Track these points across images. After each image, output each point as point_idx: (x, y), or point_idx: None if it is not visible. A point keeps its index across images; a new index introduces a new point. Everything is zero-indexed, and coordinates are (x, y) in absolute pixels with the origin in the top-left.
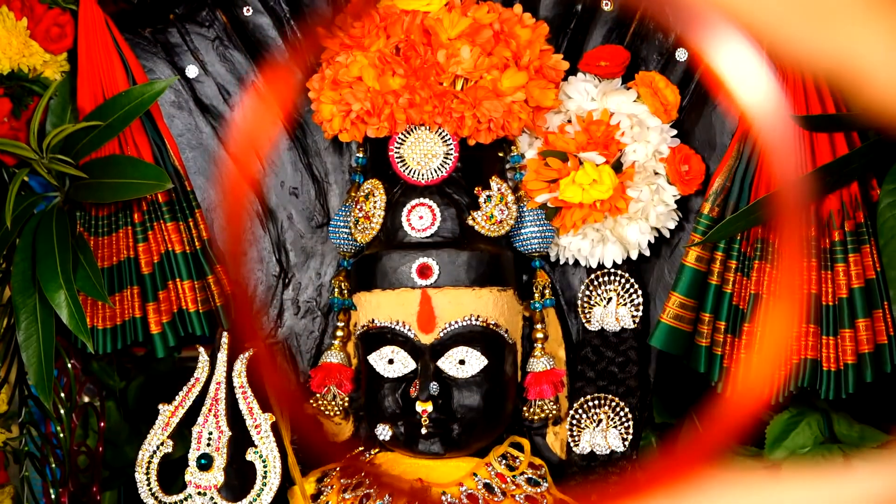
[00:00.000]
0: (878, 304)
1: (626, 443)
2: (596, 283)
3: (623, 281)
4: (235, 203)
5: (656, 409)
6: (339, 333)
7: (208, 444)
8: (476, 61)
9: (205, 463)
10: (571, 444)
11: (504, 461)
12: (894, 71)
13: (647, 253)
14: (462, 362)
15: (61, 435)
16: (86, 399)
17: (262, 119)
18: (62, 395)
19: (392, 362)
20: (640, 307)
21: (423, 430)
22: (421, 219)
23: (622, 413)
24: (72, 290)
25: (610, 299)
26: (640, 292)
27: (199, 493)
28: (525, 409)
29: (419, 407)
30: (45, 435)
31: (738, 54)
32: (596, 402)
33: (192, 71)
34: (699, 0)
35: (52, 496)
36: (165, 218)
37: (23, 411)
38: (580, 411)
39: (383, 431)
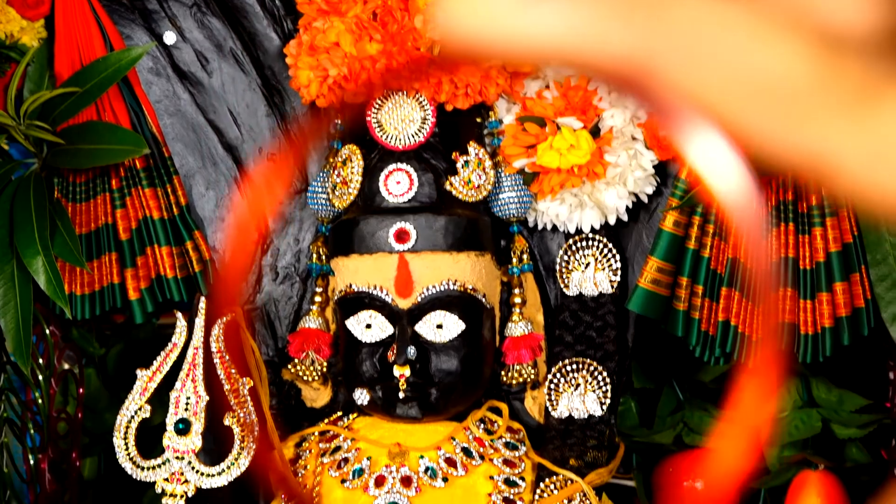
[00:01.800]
0: (856, 268)
1: (604, 407)
2: (574, 248)
3: (601, 246)
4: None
5: (636, 375)
6: (318, 299)
7: (186, 409)
8: None
9: (182, 428)
10: (549, 409)
11: (482, 425)
12: (867, 165)
13: (625, 218)
14: (440, 327)
15: (40, 402)
16: (65, 366)
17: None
18: (41, 361)
19: (370, 327)
20: (619, 272)
21: (401, 395)
22: (398, 184)
23: (600, 377)
24: (49, 257)
25: (588, 264)
26: (618, 257)
27: (176, 458)
28: (503, 373)
29: (397, 371)
30: (25, 402)
31: (711, 145)
32: (574, 366)
33: (169, 37)
34: (671, 93)
35: (32, 463)
36: (143, 184)
37: (1, 378)
38: (558, 376)
39: (361, 396)
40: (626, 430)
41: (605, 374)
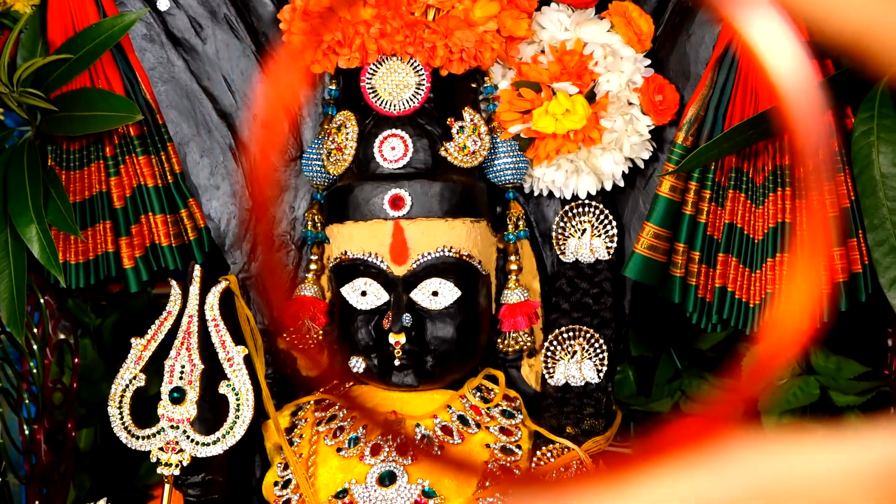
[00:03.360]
0: (853, 233)
1: (601, 374)
2: (570, 214)
3: (597, 212)
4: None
5: (633, 343)
6: (313, 267)
7: (181, 378)
8: None
9: (177, 396)
10: (546, 376)
11: (478, 393)
12: None
13: (622, 184)
14: (435, 294)
15: (35, 372)
16: (60, 336)
17: (290, 79)
18: (35, 331)
19: (365, 294)
20: (615, 238)
21: (397, 362)
22: (393, 150)
23: (597, 345)
24: (43, 225)
25: (584, 231)
26: (614, 223)
27: (171, 427)
28: (499, 341)
29: (392, 339)
30: (20, 373)
31: (768, 22)
32: (570, 333)
33: (163, 4)
34: None
35: (27, 433)
36: (137, 152)
37: None
38: (555, 343)
39: (357, 364)
40: (623, 398)
41: (601, 341)
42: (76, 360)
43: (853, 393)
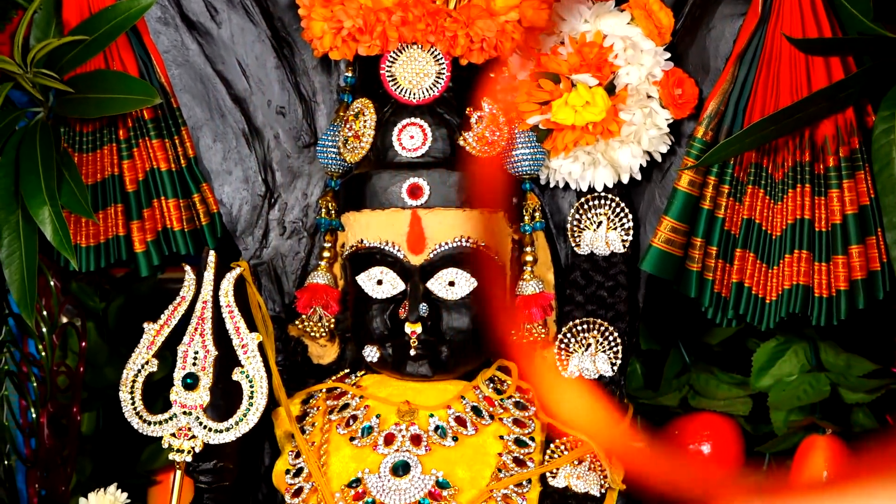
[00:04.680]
0: (872, 231)
1: (615, 367)
2: (586, 206)
3: (613, 205)
4: None
5: (642, 337)
6: (326, 254)
7: (194, 364)
8: None
9: (190, 382)
10: (559, 368)
11: (492, 384)
12: None
13: (639, 177)
14: (452, 284)
15: (42, 354)
16: (63, 319)
17: None
18: (44, 313)
19: (381, 283)
20: (630, 231)
21: (412, 352)
22: (412, 138)
23: (611, 338)
24: (56, 207)
25: (600, 223)
26: (630, 216)
27: (184, 413)
28: (513, 332)
29: (408, 328)
30: (26, 354)
31: None
32: (584, 326)
33: None
34: None
35: (32, 416)
36: (151, 135)
37: (3, 330)
38: (568, 335)
39: (371, 353)
40: (631, 391)
41: (615, 334)
42: (83, 344)
43: (862, 390)
